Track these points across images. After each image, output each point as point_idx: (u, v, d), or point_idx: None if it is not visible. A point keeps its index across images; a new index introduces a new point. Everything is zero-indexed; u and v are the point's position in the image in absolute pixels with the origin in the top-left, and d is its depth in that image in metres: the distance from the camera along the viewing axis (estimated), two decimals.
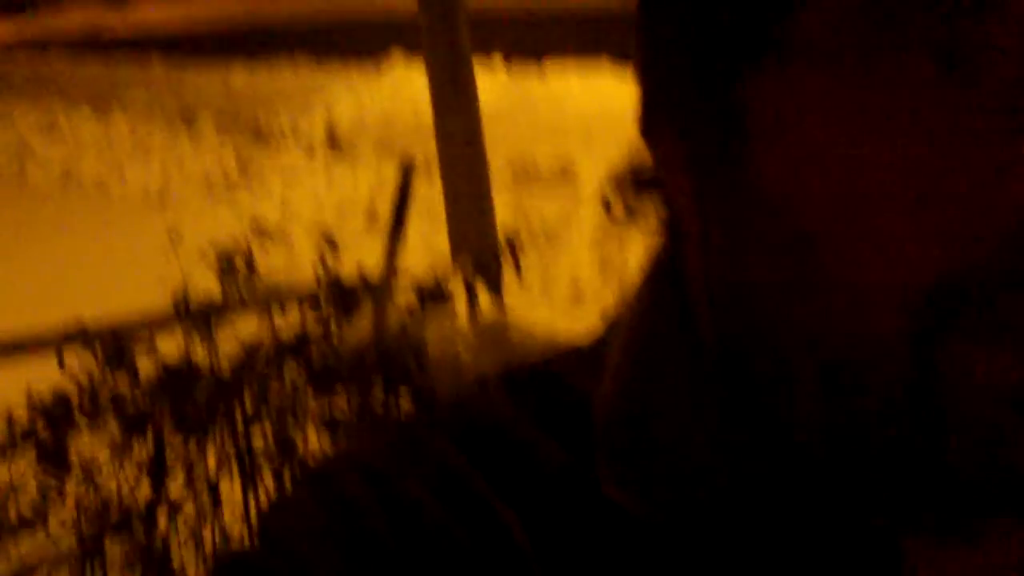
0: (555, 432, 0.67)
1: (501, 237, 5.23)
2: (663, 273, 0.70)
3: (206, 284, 4.07)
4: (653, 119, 0.65)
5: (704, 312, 0.64)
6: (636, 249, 6.66)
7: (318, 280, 3.81)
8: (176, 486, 3.39)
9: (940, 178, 0.51)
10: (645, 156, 0.69)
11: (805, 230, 0.55)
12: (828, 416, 0.57)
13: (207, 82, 20.46)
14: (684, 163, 0.63)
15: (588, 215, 8.26)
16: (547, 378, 0.71)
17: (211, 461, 3.42)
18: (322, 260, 3.78)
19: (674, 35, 0.61)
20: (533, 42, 17.22)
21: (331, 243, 3.83)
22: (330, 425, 3.30)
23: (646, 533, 0.62)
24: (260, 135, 13.96)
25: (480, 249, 3.92)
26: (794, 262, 0.56)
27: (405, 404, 3.35)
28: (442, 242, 7.88)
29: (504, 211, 8.32)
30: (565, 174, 9.25)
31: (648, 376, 0.67)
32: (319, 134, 13.36)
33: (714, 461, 0.63)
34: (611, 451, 0.64)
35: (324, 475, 0.66)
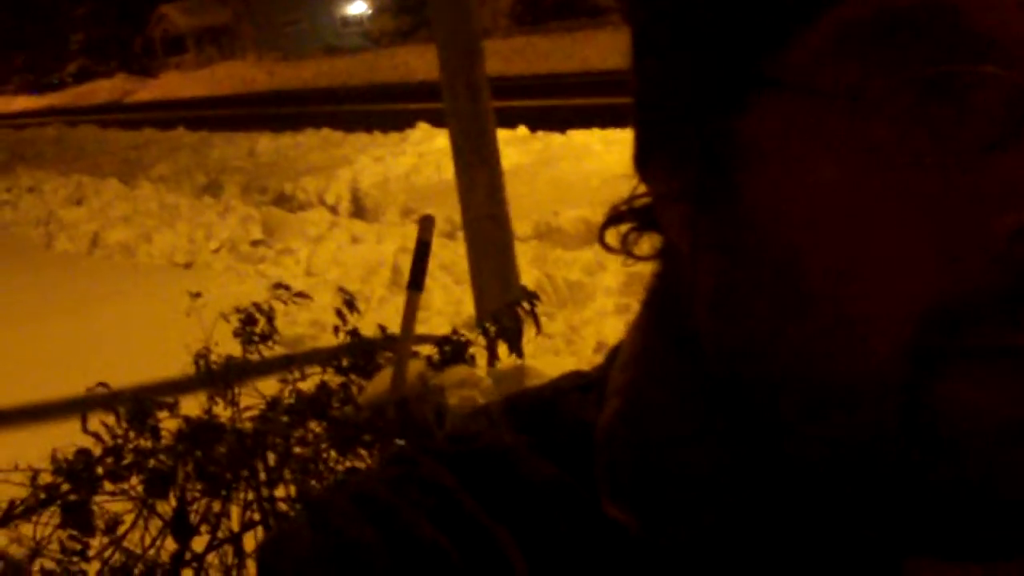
0: (555, 457, 0.68)
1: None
2: (660, 302, 0.72)
3: (229, 346, 4.09)
4: (647, 155, 0.67)
5: (700, 339, 0.66)
6: None
7: (338, 337, 3.84)
8: (200, 542, 3.39)
9: (927, 206, 0.52)
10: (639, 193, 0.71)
11: (795, 259, 0.56)
12: (821, 438, 0.58)
13: (233, 151, 20.55)
14: (677, 195, 0.65)
15: (613, 270, 8.23)
16: (548, 405, 0.72)
17: (235, 517, 3.42)
18: (340, 316, 3.80)
19: (665, 72, 0.64)
20: (556, 109, 17.30)
21: (349, 301, 3.86)
22: None
23: (646, 554, 0.63)
24: (285, 201, 13.99)
25: (503, 307, 3.91)
26: (781, 288, 0.57)
27: None
28: (468, 302, 7.90)
29: (529, 269, 8.32)
30: (589, 231, 9.23)
31: (647, 400, 0.68)
32: (344, 200, 13.37)
33: (714, 482, 0.63)
34: (611, 473, 0.66)
35: (321, 505, 0.67)
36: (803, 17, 0.54)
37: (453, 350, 3.72)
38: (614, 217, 0.72)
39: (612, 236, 0.73)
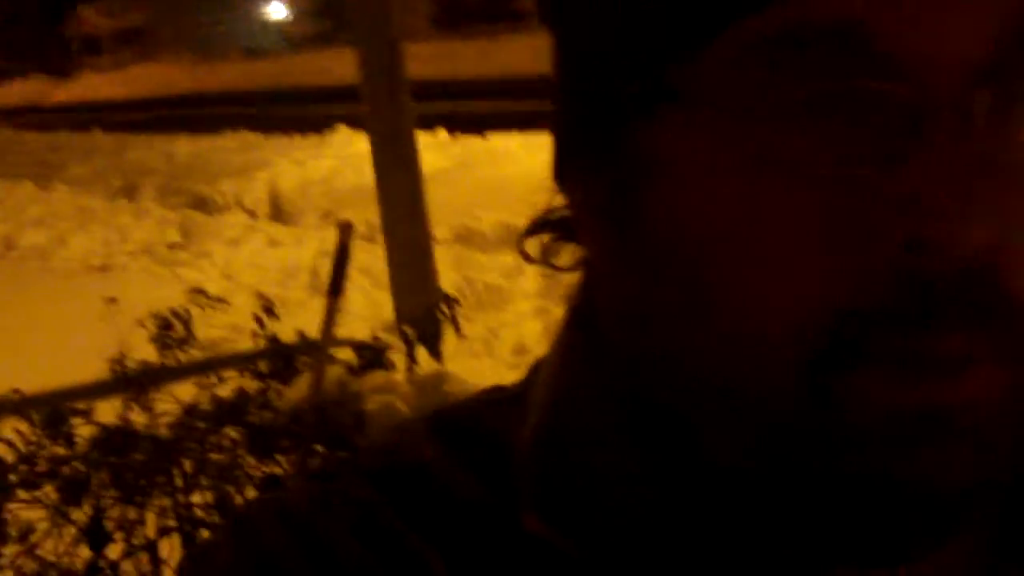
0: (477, 472, 0.68)
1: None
2: (580, 314, 0.72)
3: (146, 351, 4.06)
4: (564, 162, 0.68)
5: (615, 347, 0.67)
6: None
7: (255, 342, 3.82)
8: (115, 550, 3.35)
9: (825, 218, 0.53)
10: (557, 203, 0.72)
11: (697, 267, 0.57)
12: (733, 445, 0.59)
13: (150, 153, 20.32)
14: (591, 203, 0.65)
15: (531, 274, 8.24)
16: (470, 420, 0.73)
17: (150, 524, 3.39)
18: (258, 321, 3.79)
19: (581, 81, 0.64)
20: (476, 113, 17.28)
21: (268, 307, 3.84)
22: (269, 485, 3.28)
23: (568, 568, 0.63)
24: (203, 205, 13.87)
25: (422, 311, 3.92)
26: (689, 298, 0.58)
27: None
28: (387, 305, 7.88)
29: (448, 273, 8.32)
30: (508, 235, 9.25)
31: (567, 413, 0.68)
32: (263, 203, 13.28)
33: (634, 494, 0.64)
34: (533, 487, 0.66)
35: (244, 521, 0.67)
36: (710, 30, 0.55)
37: (372, 355, 3.71)
38: (534, 227, 0.73)
39: (533, 245, 0.73)
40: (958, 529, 0.57)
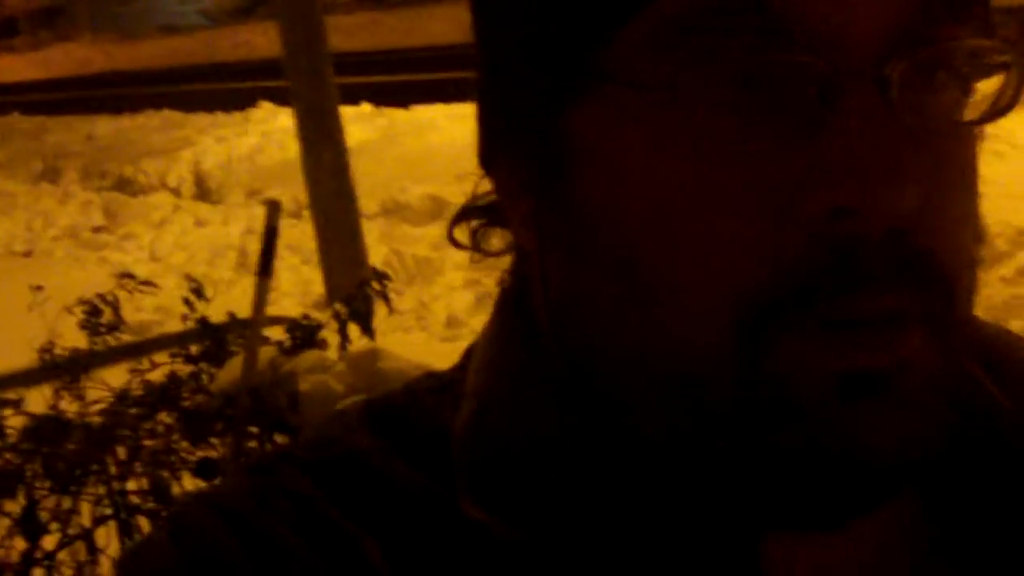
0: (413, 458, 0.68)
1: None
2: (510, 296, 0.73)
3: (75, 337, 4.02)
4: (490, 147, 0.68)
5: (547, 331, 0.67)
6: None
7: (185, 324, 3.79)
8: (51, 540, 3.32)
9: (748, 191, 0.54)
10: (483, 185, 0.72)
11: (626, 247, 0.58)
12: (669, 421, 0.60)
13: (71, 135, 20.09)
14: (519, 188, 0.65)
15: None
16: (404, 408, 0.73)
17: (85, 513, 3.36)
18: (187, 304, 3.76)
19: (504, 66, 0.65)
20: (399, 84, 17.21)
21: (197, 288, 3.81)
22: (205, 469, 3.26)
23: (507, 552, 0.64)
24: (127, 186, 13.74)
25: (353, 287, 3.91)
26: (620, 278, 0.59)
27: (280, 443, 3.33)
28: (318, 282, 7.85)
29: (377, 247, 8.30)
30: (436, 207, 9.24)
31: (501, 399, 0.69)
32: (188, 182, 13.18)
33: (569, 476, 0.64)
34: (469, 472, 0.66)
35: (181, 517, 0.67)
36: (626, 11, 0.56)
37: (304, 334, 3.70)
38: (462, 213, 0.73)
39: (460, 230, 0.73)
40: (892, 495, 0.59)
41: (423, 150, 12.39)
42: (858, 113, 0.53)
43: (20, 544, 3.33)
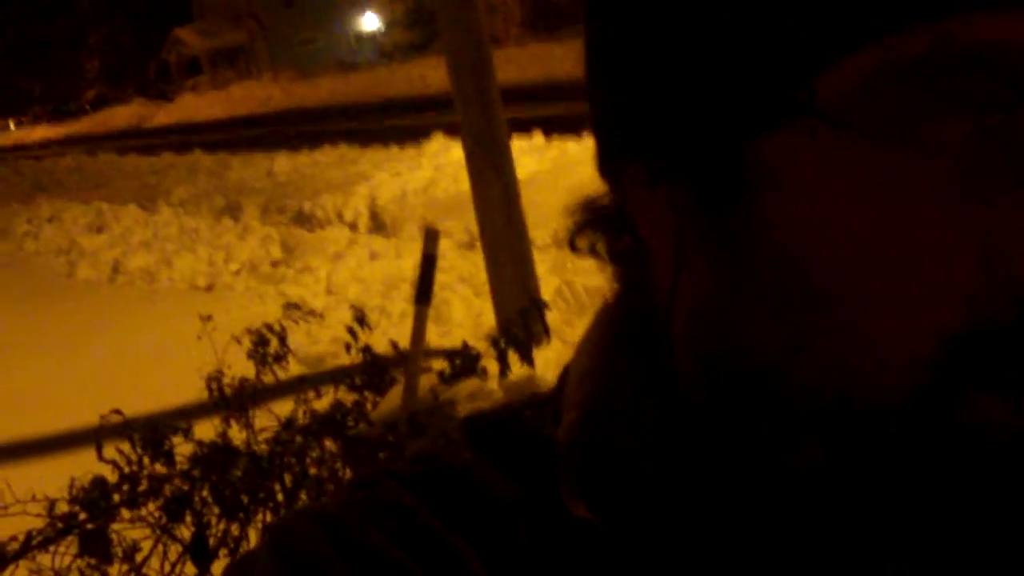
0: (513, 470, 0.69)
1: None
2: (622, 311, 0.72)
3: (246, 368, 4.10)
4: (623, 163, 0.66)
5: (672, 346, 0.66)
6: None
7: (350, 355, 3.85)
8: (220, 566, 3.39)
9: (964, 242, 0.52)
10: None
11: (814, 287, 0.56)
12: (829, 456, 0.59)
13: (251, 172, 20.62)
14: (662, 209, 0.64)
15: None
16: (504, 422, 0.74)
17: (253, 540, 3.43)
18: (351, 332, 3.81)
19: (664, 87, 0.61)
20: (571, 115, 17.28)
21: (360, 318, 3.86)
22: None
23: (609, 556, 0.63)
24: (304, 220, 14.04)
25: (514, 317, 3.92)
26: (799, 317, 0.57)
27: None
28: (489, 313, 7.90)
29: (548, 277, 8.32)
30: None
31: (606, 407, 0.69)
32: (363, 216, 13.41)
33: (671, 485, 0.64)
34: (577, 473, 0.66)
35: (283, 530, 0.67)
36: (842, 48, 0.53)
37: (464, 363, 3.72)
38: (585, 224, 0.73)
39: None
40: None
41: (595, 180, 12.39)
42: None
43: (190, 570, 3.41)
